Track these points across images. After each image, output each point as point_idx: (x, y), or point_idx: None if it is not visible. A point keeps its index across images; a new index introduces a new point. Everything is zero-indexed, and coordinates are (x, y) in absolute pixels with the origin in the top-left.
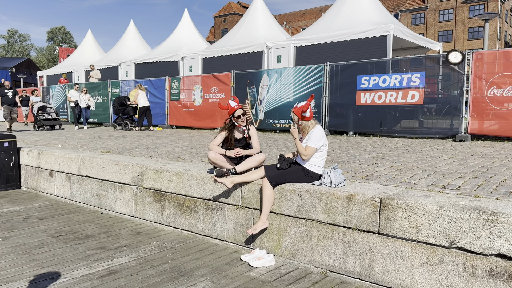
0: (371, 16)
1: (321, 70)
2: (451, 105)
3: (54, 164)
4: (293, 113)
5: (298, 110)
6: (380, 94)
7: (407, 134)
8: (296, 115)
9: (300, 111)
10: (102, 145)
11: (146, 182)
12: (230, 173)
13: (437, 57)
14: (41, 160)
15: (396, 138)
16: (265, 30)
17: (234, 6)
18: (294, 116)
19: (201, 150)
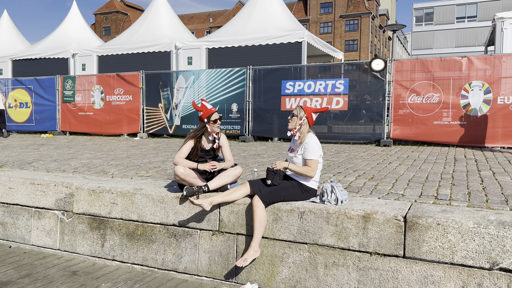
0: (283, 22)
1: (243, 74)
2: (374, 111)
3: None
4: (300, 108)
5: (311, 108)
6: (305, 100)
7: (333, 140)
8: (306, 112)
9: (313, 111)
10: None
11: (77, 206)
12: (202, 192)
13: (360, 64)
14: None
15: (322, 143)
16: (170, 30)
17: (117, 4)
18: (300, 112)
19: (127, 161)
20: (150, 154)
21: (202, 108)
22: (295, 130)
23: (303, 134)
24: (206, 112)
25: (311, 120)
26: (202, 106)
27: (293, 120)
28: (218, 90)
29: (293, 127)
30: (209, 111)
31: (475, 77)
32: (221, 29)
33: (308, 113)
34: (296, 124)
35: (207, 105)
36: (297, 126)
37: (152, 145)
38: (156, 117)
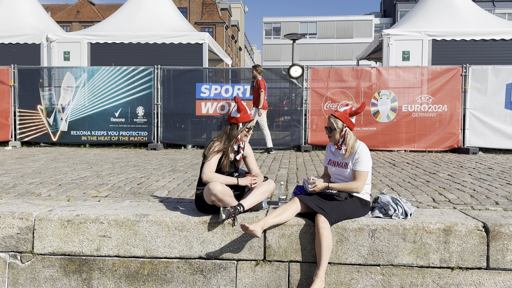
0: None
1: (150, 74)
2: (292, 117)
3: None
4: (335, 118)
5: (344, 114)
6: (223, 105)
7: (252, 146)
8: (342, 120)
9: (348, 115)
10: None
11: (40, 244)
12: (238, 213)
13: (278, 70)
14: None
15: None
16: (34, 19)
17: None
18: (337, 122)
19: (49, 178)
20: (65, 168)
21: (242, 109)
22: (339, 144)
23: (350, 144)
24: (246, 116)
25: (352, 125)
26: (243, 107)
27: (334, 134)
28: (119, 92)
29: (336, 141)
30: (248, 116)
31: (383, 86)
32: (103, 23)
33: (346, 120)
34: (338, 137)
35: (246, 107)
36: (340, 139)
37: (46, 156)
38: (34, 121)
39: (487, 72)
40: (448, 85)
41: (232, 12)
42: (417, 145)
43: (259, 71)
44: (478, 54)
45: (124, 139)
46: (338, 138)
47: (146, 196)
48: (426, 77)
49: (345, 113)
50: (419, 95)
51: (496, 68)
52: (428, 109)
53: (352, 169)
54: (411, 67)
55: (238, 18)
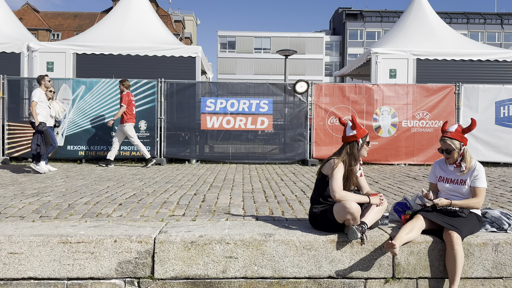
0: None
1: (153, 87)
2: (297, 132)
3: None
4: (451, 139)
5: (457, 133)
6: (228, 119)
7: (258, 160)
8: (458, 140)
9: (461, 133)
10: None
11: (162, 268)
12: (365, 230)
13: (283, 85)
14: None
15: (246, 164)
16: (9, 26)
17: None
18: (454, 143)
19: (101, 198)
20: (95, 185)
21: (357, 126)
22: (458, 163)
23: (469, 162)
24: (362, 131)
25: (466, 142)
26: (357, 125)
27: (452, 155)
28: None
29: (455, 160)
30: (364, 130)
31: (384, 103)
32: (88, 33)
33: (462, 139)
34: (456, 156)
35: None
36: (459, 157)
37: (56, 174)
38: (25, 136)
39: (477, 90)
40: (443, 102)
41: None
42: (416, 159)
43: (126, 86)
44: (460, 73)
45: (126, 154)
46: (457, 157)
47: (223, 214)
48: (423, 94)
49: (458, 132)
50: (417, 111)
51: (485, 87)
52: (426, 124)
53: (471, 185)
54: (409, 85)
55: (191, 31)
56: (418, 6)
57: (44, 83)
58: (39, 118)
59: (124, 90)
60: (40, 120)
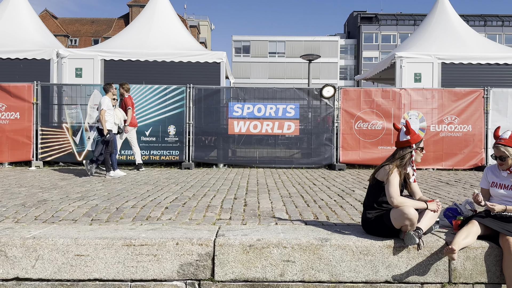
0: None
1: (182, 93)
2: (324, 136)
3: None
4: (505, 147)
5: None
6: (255, 124)
7: (285, 165)
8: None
9: None
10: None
11: (221, 271)
12: (421, 236)
13: (311, 90)
14: None
15: (273, 169)
16: (39, 34)
17: None
18: (508, 150)
19: (143, 201)
20: (135, 189)
21: (411, 131)
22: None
23: None
24: (416, 137)
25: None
26: (411, 130)
27: (507, 162)
28: (150, 110)
29: (509, 167)
30: (418, 136)
31: (412, 107)
32: (114, 39)
33: None
34: (510, 164)
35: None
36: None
37: (91, 178)
38: (58, 140)
39: (507, 95)
40: (471, 106)
41: (200, 30)
42: (445, 164)
43: (126, 89)
44: (485, 77)
45: (155, 158)
46: (511, 163)
47: (270, 218)
48: (451, 98)
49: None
50: (446, 116)
51: None
52: (454, 129)
53: None
54: (437, 89)
55: (206, 36)
56: (441, 9)
57: (112, 91)
58: (107, 126)
59: (124, 93)
60: (108, 127)
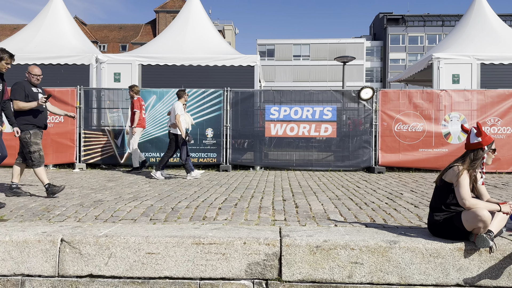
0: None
1: (219, 96)
2: (362, 138)
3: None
4: None
5: None
6: (292, 126)
7: (322, 168)
8: None
9: None
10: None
11: (289, 271)
12: (492, 238)
13: (348, 92)
14: None
15: (310, 171)
16: (77, 40)
17: None
18: None
19: (195, 202)
20: (183, 190)
21: (482, 133)
22: None
23: None
24: (488, 139)
25: None
26: (482, 131)
27: None
28: (189, 113)
29: None
30: (490, 137)
31: (453, 108)
32: (151, 44)
33: None
34: None
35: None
36: None
37: (138, 179)
38: (100, 143)
39: None
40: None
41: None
42: (487, 166)
43: (135, 91)
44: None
45: (193, 161)
46: None
47: (326, 219)
48: (494, 100)
49: None
50: (488, 117)
51: None
52: (497, 131)
53: None
54: (479, 90)
55: (230, 40)
56: (478, 8)
57: (184, 97)
58: (178, 131)
59: (134, 96)
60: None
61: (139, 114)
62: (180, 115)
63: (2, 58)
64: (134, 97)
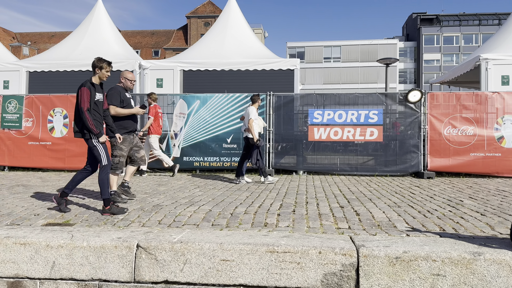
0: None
1: (262, 100)
2: (410, 142)
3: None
4: None
5: None
6: (336, 130)
7: (367, 172)
8: None
9: None
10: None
11: (367, 283)
12: None
13: (395, 95)
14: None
15: (356, 176)
16: (120, 47)
17: None
18: None
19: (257, 205)
20: (233, 195)
21: None
22: None
23: None
24: None
25: None
26: None
27: None
28: (231, 118)
29: None
30: None
31: (506, 111)
32: (191, 50)
33: None
34: None
35: None
36: None
37: (185, 184)
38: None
39: None
40: None
41: None
42: None
43: (153, 98)
44: None
45: (236, 165)
46: None
47: (392, 229)
48: None
49: None
50: None
51: None
52: None
53: None
54: None
55: None
56: None
57: (258, 102)
58: (255, 134)
59: (151, 103)
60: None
61: (151, 120)
62: (253, 120)
63: (101, 67)
64: (152, 104)
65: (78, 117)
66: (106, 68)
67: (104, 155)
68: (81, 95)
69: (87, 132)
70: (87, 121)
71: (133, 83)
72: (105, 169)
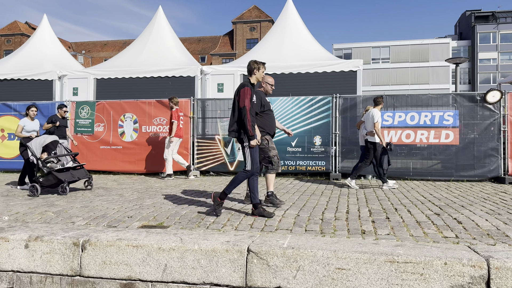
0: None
1: (328, 103)
2: (488, 146)
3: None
4: None
5: None
6: (408, 133)
7: (443, 177)
8: None
9: None
10: None
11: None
12: None
13: (471, 95)
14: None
15: (429, 181)
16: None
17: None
18: None
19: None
20: (313, 199)
21: None
22: None
23: None
24: None
25: None
26: None
27: None
28: (297, 121)
29: None
30: None
31: None
32: (250, 54)
33: None
34: None
35: None
36: None
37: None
38: (212, 151)
39: None
40: None
41: None
42: None
43: (175, 102)
44: None
45: (301, 169)
46: None
47: (504, 237)
48: None
49: None
50: None
51: None
52: None
53: None
54: None
55: None
56: None
57: (382, 104)
58: (377, 139)
59: (173, 106)
60: (377, 139)
61: (176, 124)
62: (379, 123)
63: (259, 68)
64: (173, 108)
65: (237, 118)
66: (263, 68)
67: (250, 161)
68: (242, 94)
69: (243, 132)
70: (247, 121)
71: (273, 87)
72: (247, 174)
